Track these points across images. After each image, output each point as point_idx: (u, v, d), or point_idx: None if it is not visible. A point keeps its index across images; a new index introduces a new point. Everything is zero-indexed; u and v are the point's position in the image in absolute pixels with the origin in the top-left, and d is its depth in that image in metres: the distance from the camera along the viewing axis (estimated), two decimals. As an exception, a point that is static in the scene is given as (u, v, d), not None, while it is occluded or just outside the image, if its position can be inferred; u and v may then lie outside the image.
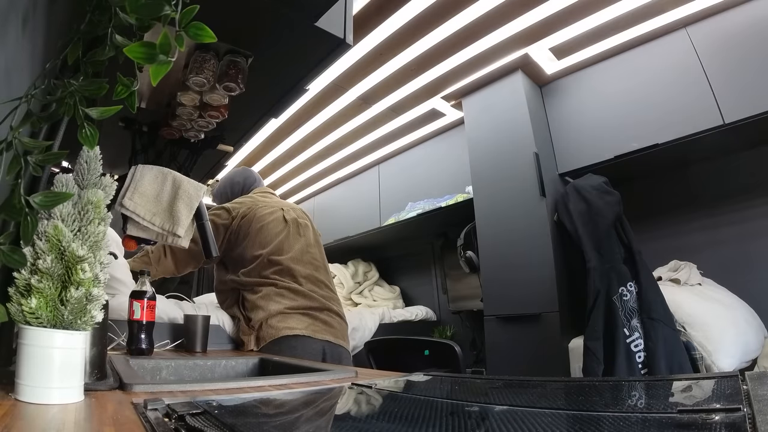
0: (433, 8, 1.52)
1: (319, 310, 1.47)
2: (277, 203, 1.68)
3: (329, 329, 1.46)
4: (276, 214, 1.60)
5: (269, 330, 1.38)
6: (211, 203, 2.02)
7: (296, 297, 1.45)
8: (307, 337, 1.38)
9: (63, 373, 0.51)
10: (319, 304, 1.48)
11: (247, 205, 1.59)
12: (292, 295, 1.45)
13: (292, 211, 1.67)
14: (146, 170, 1.15)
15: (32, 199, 0.49)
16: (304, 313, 1.43)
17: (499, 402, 0.64)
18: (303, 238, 1.61)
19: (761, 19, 1.44)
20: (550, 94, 1.99)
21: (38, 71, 0.66)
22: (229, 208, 1.57)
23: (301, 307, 1.44)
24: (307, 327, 1.40)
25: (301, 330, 1.38)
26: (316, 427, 0.51)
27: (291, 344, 1.36)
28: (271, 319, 1.39)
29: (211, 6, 0.70)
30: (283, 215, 1.62)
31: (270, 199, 1.69)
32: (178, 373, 1.11)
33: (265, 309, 1.41)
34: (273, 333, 1.37)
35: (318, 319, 1.45)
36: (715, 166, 1.77)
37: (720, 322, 1.35)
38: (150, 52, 0.49)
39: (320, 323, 1.45)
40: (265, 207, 1.60)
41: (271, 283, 1.46)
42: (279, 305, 1.42)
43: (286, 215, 1.62)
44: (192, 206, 1.15)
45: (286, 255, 1.51)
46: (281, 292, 1.45)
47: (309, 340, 1.38)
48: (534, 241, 1.74)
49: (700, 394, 0.60)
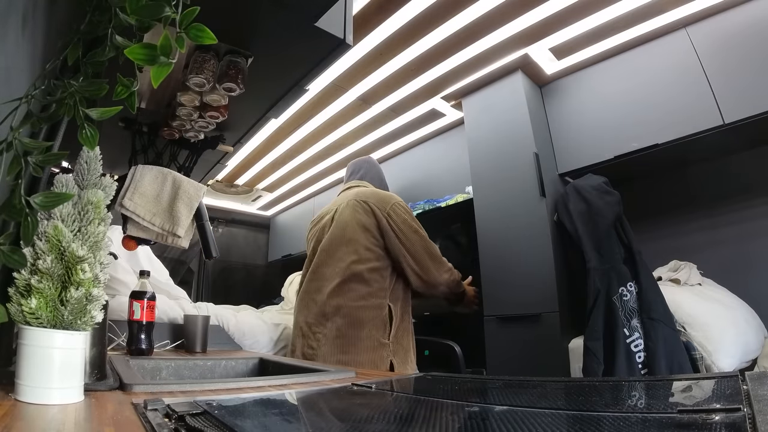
0: (433, 8, 1.52)
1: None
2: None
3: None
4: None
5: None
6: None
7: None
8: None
9: (63, 374, 0.51)
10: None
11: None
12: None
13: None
14: (146, 170, 1.15)
15: (32, 199, 0.49)
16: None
17: (499, 402, 0.64)
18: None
19: (761, 19, 1.44)
20: (550, 94, 1.99)
21: (38, 72, 0.66)
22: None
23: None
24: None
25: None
26: (315, 427, 0.51)
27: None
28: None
29: (211, 6, 0.70)
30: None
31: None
32: (178, 373, 1.11)
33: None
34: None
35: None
36: (715, 166, 1.77)
37: (720, 322, 1.35)
38: (151, 53, 0.49)
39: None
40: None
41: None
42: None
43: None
44: (192, 206, 1.15)
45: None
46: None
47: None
48: (534, 241, 1.74)
49: (700, 394, 0.60)
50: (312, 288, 1.53)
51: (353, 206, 1.52)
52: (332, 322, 1.41)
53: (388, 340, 1.41)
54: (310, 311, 1.49)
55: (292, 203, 3.64)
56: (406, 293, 1.53)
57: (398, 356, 1.41)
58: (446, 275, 1.52)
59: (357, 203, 1.52)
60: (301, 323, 1.51)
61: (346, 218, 1.52)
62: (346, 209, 1.54)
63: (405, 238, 1.47)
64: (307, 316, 1.49)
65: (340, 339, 1.39)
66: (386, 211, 1.49)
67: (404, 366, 1.42)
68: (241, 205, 3.68)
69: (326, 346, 1.40)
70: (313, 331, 1.45)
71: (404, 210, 1.52)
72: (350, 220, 1.50)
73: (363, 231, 1.47)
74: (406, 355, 1.46)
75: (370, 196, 1.54)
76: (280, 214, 3.91)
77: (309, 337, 1.45)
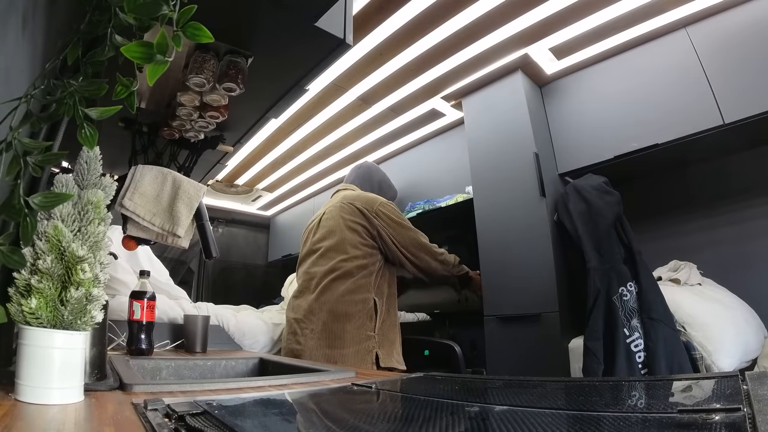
0: (433, 8, 1.52)
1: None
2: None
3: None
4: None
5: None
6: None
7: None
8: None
9: (63, 374, 0.51)
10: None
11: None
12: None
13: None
14: (146, 170, 1.15)
15: (32, 199, 0.49)
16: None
17: (499, 402, 0.64)
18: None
19: (761, 19, 1.44)
20: (550, 94, 1.99)
21: (38, 71, 0.66)
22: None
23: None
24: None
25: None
26: (316, 427, 0.51)
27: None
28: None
29: (211, 6, 0.70)
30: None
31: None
32: (178, 373, 1.11)
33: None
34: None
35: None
36: (715, 167, 1.77)
37: (720, 322, 1.35)
38: (147, 51, 0.49)
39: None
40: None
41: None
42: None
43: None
44: (192, 206, 1.15)
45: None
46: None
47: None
48: (534, 241, 1.73)
49: (700, 394, 0.60)
50: (302, 287, 1.62)
51: (339, 208, 1.64)
52: (318, 318, 1.49)
53: (374, 333, 1.47)
54: (300, 309, 1.57)
55: (292, 203, 3.63)
56: (391, 288, 1.63)
57: (384, 348, 1.47)
58: (439, 258, 1.67)
59: (343, 205, 1.64)
60: (291, 320, 1.58)
61: (334, 220, 1.63)
62: (333, 211, 1.66)
63: (395, 232, 1.60)
64: (296, 314, 1.57)
65: (326, 333, 1.45)
66: (374, 210, 1.61)
67: (389, 359, 1.47)
68: (241, 205, 3.68)
69: (312, 340, 1.46)
70: (301, 327, 1.51)
71: (389, 209, 1.66)
72: (337, 221, 1.62)
73: (350, 231, 1.58)
74: (391, 347, 1.52)
75: (356, 198, 1.67)
76: (280, 214, 3.91)
77: (297, 333, 1.52)
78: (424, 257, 1.63)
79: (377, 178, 1.95)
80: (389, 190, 1.96)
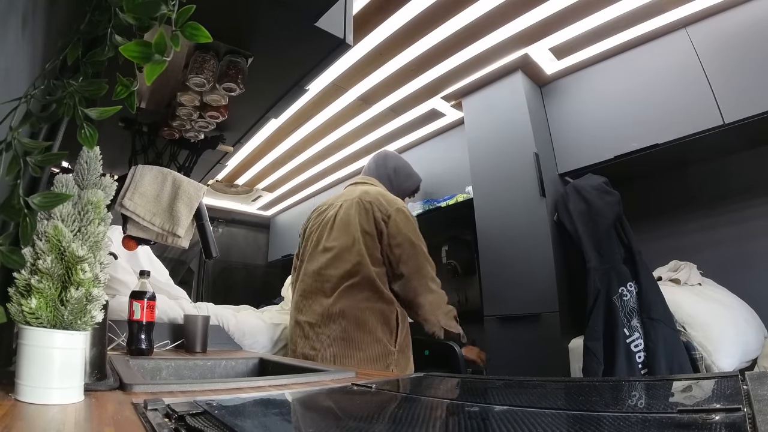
0: (433, 8, 1.52)
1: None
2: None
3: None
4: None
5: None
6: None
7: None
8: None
9: (63, 374, 0.51)
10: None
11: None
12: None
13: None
14: (146, 170, 1.15)
15: (31, 199, 0.49)
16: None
17: (499, 402, 0.64)
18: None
19: (761, 19, 1.44)
20: (550, 94, 1.99)
21: (38, 71, 0.66)
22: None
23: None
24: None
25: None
26: (315, 427, 0.51)
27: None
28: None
29: (211, 6, 0.70)
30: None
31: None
32: (178, 373, 1.11)
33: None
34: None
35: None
36: (715, 167, 1.77)
37: (720, 322, 1.35)
38: (146, 51, 0.49)
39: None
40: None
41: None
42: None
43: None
44: (192, 206, 1.15)
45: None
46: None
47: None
48: (534, 241, 1.73)
49: (700, 394, 0.60)
50: (313, 288, 1.51)
51: (357, 206, 1.49)
52: (337, 324, 1.39)
53: (395, 347, 1.40)
54: (313, 311, 1.47)
55: (292, 203, 3.64)
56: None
57: (399, 366, 1.41)
58: (430, 297, 1.42)
59: (360, 203, 1.49)
60: (302, 323, 1.49)
61: (350, 219, 1.49)
62: (350, 209, 1.51)
63: (398, 246, 1.42)
64: (309, 317, 1.47)
65: (346, 342, 1.37)
66: (387, 213, 1.46)
67: (403, 374, 1.42)
68: (241, 205, 3.68)
69: (330, 347, 1.38)
70: (316, 332, 1.43)
71: (405, 218, 1.47)
72: (353, 221, 1.47)
73: (366, 234, 1.44)
74: (407, 364, 1.47)
75: (374, 198, 1.50)
76: (280, 214, 3.91)
77: (311, 338, 1.43)
78: (414, 284, 1.41)
79: (392, 165, 1.76)
80: (407, 180, 1.77)
